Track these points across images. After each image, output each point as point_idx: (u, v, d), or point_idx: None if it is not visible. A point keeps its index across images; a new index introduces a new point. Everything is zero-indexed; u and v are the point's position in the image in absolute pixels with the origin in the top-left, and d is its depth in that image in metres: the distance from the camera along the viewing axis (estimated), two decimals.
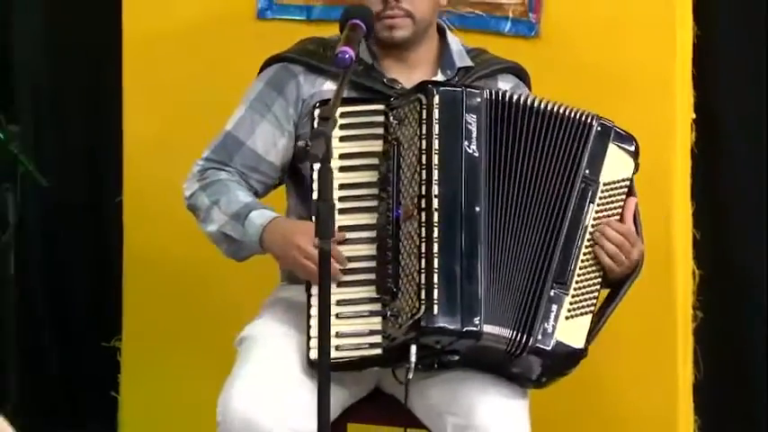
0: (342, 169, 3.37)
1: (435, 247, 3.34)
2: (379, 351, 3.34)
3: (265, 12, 4.30)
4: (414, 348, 3.29)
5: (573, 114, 3.49)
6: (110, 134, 4.49)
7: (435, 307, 3.31)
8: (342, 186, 3.37)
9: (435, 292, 3.31)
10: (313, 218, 3.35)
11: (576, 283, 3.43)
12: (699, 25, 4.03)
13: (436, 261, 3.34)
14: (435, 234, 3.35)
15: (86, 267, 4.89)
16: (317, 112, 3.47)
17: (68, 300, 4.93)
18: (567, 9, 4.04)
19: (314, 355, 3.32)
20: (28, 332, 4.57)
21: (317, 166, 3.32)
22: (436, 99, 3.41)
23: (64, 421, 4.66)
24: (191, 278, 4.25)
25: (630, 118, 3.72)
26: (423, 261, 3.34)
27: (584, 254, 3.46)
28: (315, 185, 3.41)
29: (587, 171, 3.46)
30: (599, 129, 3.48)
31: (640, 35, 3.99)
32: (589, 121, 3.49)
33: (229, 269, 3.71)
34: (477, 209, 3.39)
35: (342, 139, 3.37)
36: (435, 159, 3.39)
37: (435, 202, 3.36)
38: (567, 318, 3.38)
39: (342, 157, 3.34)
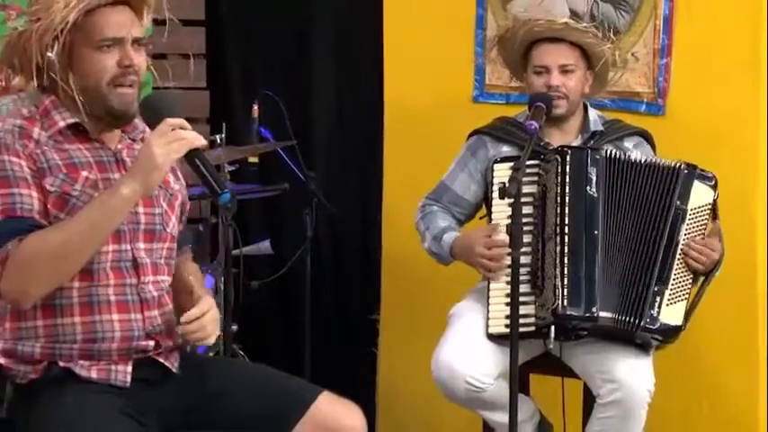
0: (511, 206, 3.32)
1: (566, 260, 3.46)
2: (532, 328, 3.46)
3: (478, 97, 4.36)
4: (553, 328, 3.43)
5: (665, 164, 3.55)
6: (375, 176, 4.61)
7: (566, 300, 3.43)
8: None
9: (566, 290, 3.44)
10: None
11: (673, 280, 3.47)
12: None
13: (566, 269, 3.45)
14: (566, 250, 3.47)
15: (358, 264, 5.03)
16: (496, 166, 3.60)
17: (345, 286, 5.09)
18: (685, 95, 4.03)
19: (491, 330, 3.52)
20: (318, 309, 4.63)
21: (497, 201, 3.49)
22: (568, 158, 3.53)
23: (340, 366, 4.68)
24: (424, 273, 4.20)
25: (727, 165, 3.85)
26: (558, 268, 3.46)
27: (678, 260, 3.49)
28: (493, 215, 3.62)
29: (678, 201, 3.51)
30: (686, 171, 3.54)
31: (735, 112, 3.95)
32: (678, 166, 3.54)
33: (447, 269, 3.80)
34: (596, 232, 3.48)
35: None
36: (567, 199, 3.51)
37: (567, 229, 3.48)
38: (667, 305, 3.45)
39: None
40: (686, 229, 3.52)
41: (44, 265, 2.57)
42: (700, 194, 3.55)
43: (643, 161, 3.57)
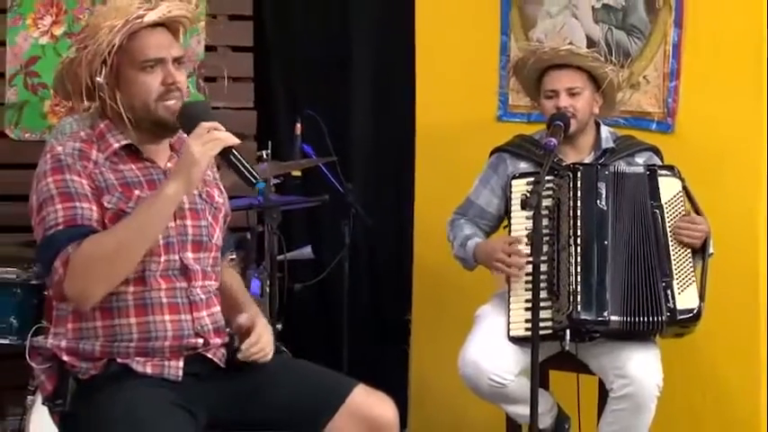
0: (529, 217, 3.46)
1: (579, 268, 3.48)
2: (550, 331, 3.46)
3: (502, 117, 4.38)
4: (568, 331, 3.45)
5: (637, 171, 3.60)
6: (408, 189, 4.62)
7: (579, 306, 3.45)
8: (528, 228, 3.48)
9: (579, 296, 3.46)
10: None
11: (676, 269, 3.48)
12: None
13: (579, 276, 3.47)
14: (579, 260, 3.49)
15: (391, 270, 5.03)
16: (514, 181, 3.64)
17: (380, 289, 5.13)
18: (692, 115, 4.01)
19: (512, 333, 3.53)
20: (355, 310, 4.67)
21: (515, 213, 3.56)
22: (579, 174, 3.57)
23: (375, 362, 4.56)
24: (452, 278, 4.16)
25: (731, 179, 3.91)
26: (572, 276, 3.47)
27: (672, 250, 3.50)
28: (512, 225, 3.62)
29: (652, 202, 3.55)
30: (648, 173, 3.59)
31: (739, 130, 3.92)
32: (643, 171, 3.59)
33: (472, 274, 3.81)
34: (606, 242, 3.50)
35: None
36: (579, 212, 3.53)
37: (579, 240, 3.50)
38: (679, 293, 3.45)
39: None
40: (669, 222, 3.54)
41: (101, 264, 2.60)
42: (668, 187, 3.58)
43: (629, 172, 3.60)
